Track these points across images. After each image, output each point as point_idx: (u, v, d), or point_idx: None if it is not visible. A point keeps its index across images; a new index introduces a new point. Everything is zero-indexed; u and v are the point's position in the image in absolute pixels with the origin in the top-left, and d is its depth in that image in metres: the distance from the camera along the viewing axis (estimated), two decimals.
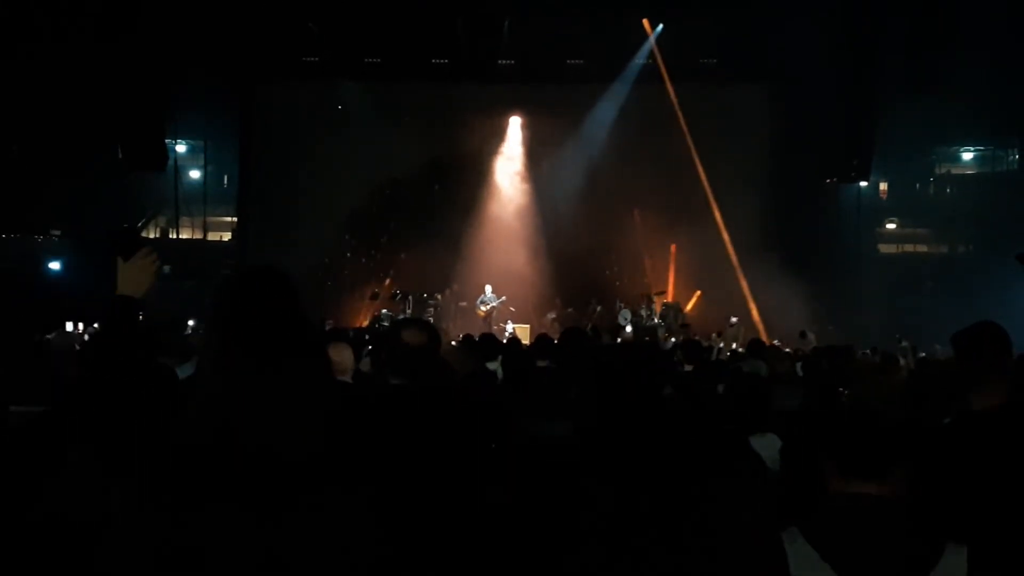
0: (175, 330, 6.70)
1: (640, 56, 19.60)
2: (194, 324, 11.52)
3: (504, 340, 9.33)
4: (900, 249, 21.67)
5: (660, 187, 18.41)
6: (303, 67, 19.72)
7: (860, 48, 17.84)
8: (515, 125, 20.66)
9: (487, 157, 20.58)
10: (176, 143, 20.03)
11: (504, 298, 18.39)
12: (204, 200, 21.12)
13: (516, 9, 18.05)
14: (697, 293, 19.56)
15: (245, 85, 19.97)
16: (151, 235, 20.19)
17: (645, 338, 16.23)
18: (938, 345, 11.85)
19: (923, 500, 2.17)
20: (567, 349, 5.30)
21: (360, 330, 15.98)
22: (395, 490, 1.98)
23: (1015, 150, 20.50)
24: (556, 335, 9.64)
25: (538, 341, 6.45)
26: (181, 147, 20.77)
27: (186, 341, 5.89)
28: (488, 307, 18.39)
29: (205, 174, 21.43)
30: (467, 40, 19.03)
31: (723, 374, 5.28)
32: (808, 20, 16.23)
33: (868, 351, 10.63)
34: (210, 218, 21.37)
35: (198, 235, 21.22)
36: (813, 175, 19.38)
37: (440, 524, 2.41)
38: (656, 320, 18.27)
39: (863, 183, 19.73)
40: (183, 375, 3.81)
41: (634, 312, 18.40)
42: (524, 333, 16.85)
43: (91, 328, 12.82)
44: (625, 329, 17.21)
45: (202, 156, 21.51)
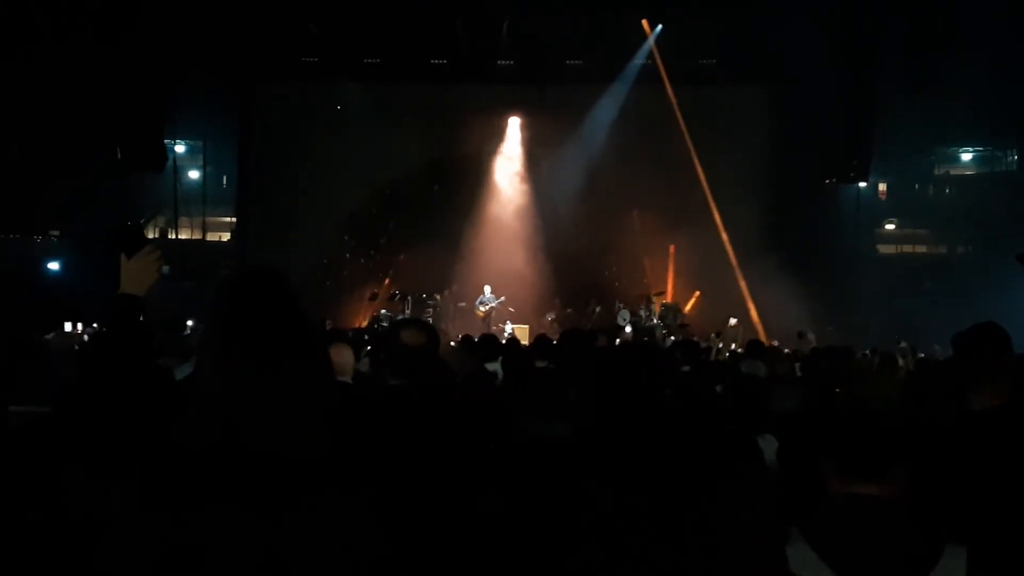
0: (174, 330, 6.70)
1: (639, 57, 19.58)
2: (193, 324, 11.49)
3: (503, 341, 9.33)
4: (899, 250, 21.66)
5: (659, 188, 18.39)
6: (302, 67, 19.68)
7: (859, 49, 17.85)
8: (514, 125, 20.64)
9: (486, 157, 20.56)
10: (175, 143, 19.97)
11: (503, 298, 18.37)
12: (203, 201, 21.09)
13: (515, 9, 18.06)
14: (696, 294, 19.54)
15: (244, 85, 19.94)
16: (150, 236, 20.17)
17: (644, 339, 16.24)
18: (937, 345, 11.81)
19: (923, 501, 2.17)
20: (566, 350, 5.30)
21: (359, 331, 15.95)
22: (395, 490, 1.98)
23: (1014, 151, 20.49)
24: (555, 336, 9.66)
25: (537, 342, 6.46)
26: (180, 147, 20.72)
27: (185, 341, 5.91)
28: (487, 308, 18.37)
29: (204, 174, 21.39)
30: (466, 40, 19.03)
31: (722, 375, 5.28)
32: (807, 21, 16.23)
33: (867, 352, 10.60)
34: (209, 219, 21.34)
35: (197, 236, 21.18)
36: (812, 176, 19.37)
37: (439, 524, 2.40)
38: (655, 321, 18.26)
39: (862, 184, 19.72)
40: (182, 375, 3.82)
41: (633, 313, 18.39)
42: (523, 334, 16.84)
43: (90, 329, 12.80)
44: (624, 330, 17.22)
45: (201, 156, 21.47)
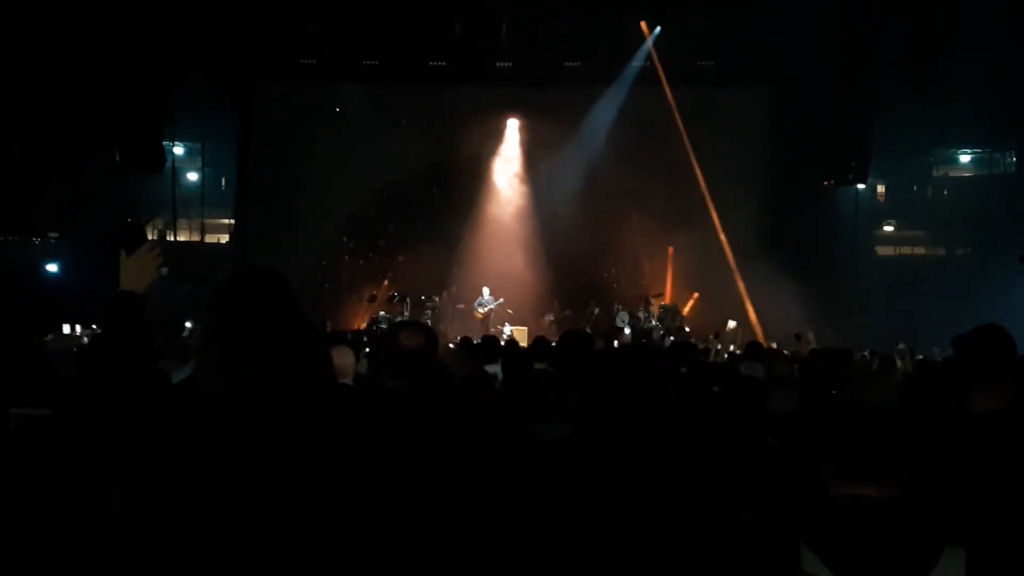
0: (173, 332, 6.71)
1: (638, 58, 19.58)
2: (192, 326, 11.49)
3: (501, 342, 9.33)
4: (898, 251, 21.65)
5: (658, 189, 18.42)
6: (301, 69, 19.68)
7: (858, 50, 17.87)
8: (513, 127, 20.63)
9: (485, 159, 20.56)
10: (174, 145, 19.98)
11: (502, 300, 18.37)
12: (202, 202, 21.06)
13: (514, 11, 18.08)
14: (695, 295, 19.55)
15: (243, 87, 19.91)
16: (149, 237, 20.08)
17: (642, 340, 16.23)
18: (936, 347, 11.81)
19: (923, 502, 2.17)
20: (565, 351, 5.31)
21: (358, 332, 15.95)
22: (394, 492, 1.98)
23: (1013, 152, 20.48)
24: (554, 337, 9.67)
25: (536, 343, 6.46)
26: (179, 149, 20.70)
27: (184, 343, 5.91)
28: (486, 309, 18.37)
29: (203, 176, 21.35)
30: (465, 42, 19.04)
31: (720, 376, 5.28)
32: (806, 22, 16.24)
33: (866, 353, 10.60)
34: (208, 220, 21.31)
35: (196, 237, 21.15)
36: (811, 177, 19.38)
37: (439, 525, 2.41)
38: (654, 322, 18.25)
39: (861, 185, 19.73)
40: (181, 376, 3.82)
41: (632, 314, 18.37)
42: (522, 335, 16.85)
43: (89, 330, 12.79)
44: (623, 331, 17.21)
45: (200, 158, 21.43)
